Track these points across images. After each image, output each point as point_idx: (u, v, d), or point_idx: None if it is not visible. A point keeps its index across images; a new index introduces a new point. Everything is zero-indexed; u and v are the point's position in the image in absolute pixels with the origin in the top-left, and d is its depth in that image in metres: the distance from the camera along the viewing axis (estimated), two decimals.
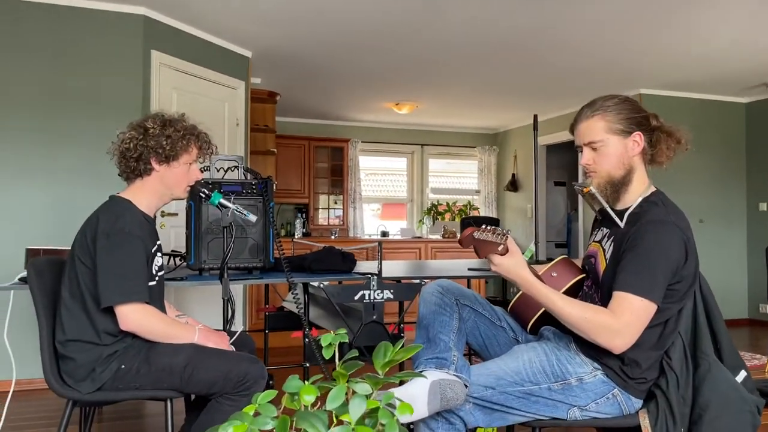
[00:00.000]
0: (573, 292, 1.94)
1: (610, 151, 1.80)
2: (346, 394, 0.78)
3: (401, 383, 1.58)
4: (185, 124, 2.22)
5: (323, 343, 0.85)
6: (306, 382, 0.79)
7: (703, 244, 6.50)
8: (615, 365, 1.76)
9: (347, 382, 0.80)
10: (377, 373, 0.83)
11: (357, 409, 0.71)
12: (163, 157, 2.15)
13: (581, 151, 1.88)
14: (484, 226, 1.66)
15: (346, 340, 0.87)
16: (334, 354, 0.90)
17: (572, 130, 1.90)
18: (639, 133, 1.80)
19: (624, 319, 1.65)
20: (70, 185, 4.05)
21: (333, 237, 7.67)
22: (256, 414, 0.76)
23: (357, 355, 0.87)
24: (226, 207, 2.41)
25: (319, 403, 0.79)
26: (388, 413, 0.72)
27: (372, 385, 0.78)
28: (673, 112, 6.42)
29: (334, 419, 0.77)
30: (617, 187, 1.82)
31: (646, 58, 5.36)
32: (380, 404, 0.74)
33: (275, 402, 0.81)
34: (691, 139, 1.88)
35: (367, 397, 0.75)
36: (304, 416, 0.72)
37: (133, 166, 2.16)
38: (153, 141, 2.13)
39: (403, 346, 0.86)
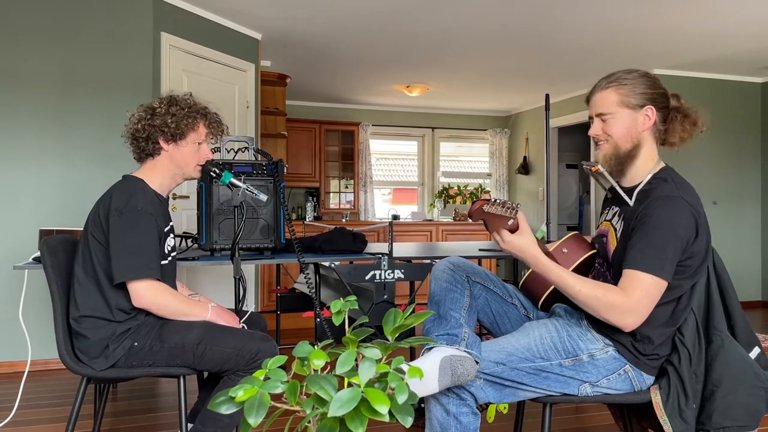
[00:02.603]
0: (584, 267, 1.93)
1: (619, 123, 1.78)
2: (356, 359, 0.78)
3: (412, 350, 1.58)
4: (189, 102, 2.22)
5: (333, 310, 0.85)
6: (316, 346, 0.79)
7: (717, 226, 6.45)
8: (627, 341, 1.75)
9: (357, 347, 0.80)
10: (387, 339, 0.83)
11: (366, 372, 0.71)
12: (170, 136, 2.16)
13: (592, 122, 1.86)
14: (493, 199, 1.65)
15: (356, 307, 0.86)
16: (343, 327, 0.90)
17: (587, 101, 1.89)
18: (651, 107, 1.78)
19: (634, 297, 1.64)
20: (82, 167, 4.07)
21: (344, 220, 7.68)
22: (266, 379, 0.76)
23: (367, 321, 0.87)
24: (236, 186, 2.41)
25: (329, 368, 0.79)
26: (397, 377, 0.72)
27: (382, 351, 0.78)
28: (687, 92, 6.28)
29: (345, 384, 0.77)
30: (622, 159, 1.80)
31: (659, 38, 5.28)
32: (389, 368, 0.74)
33: (285, 368, 0.81)
34: (708, 123, 1.84)
35: (377, 361, 0.75)
36: (314, 379, 0.72)
37: (143, 147, 2.18)
38: (159, 120, 2.15)
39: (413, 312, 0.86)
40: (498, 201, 1.65)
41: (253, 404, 0.70)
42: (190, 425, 2.20)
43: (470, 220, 1.99)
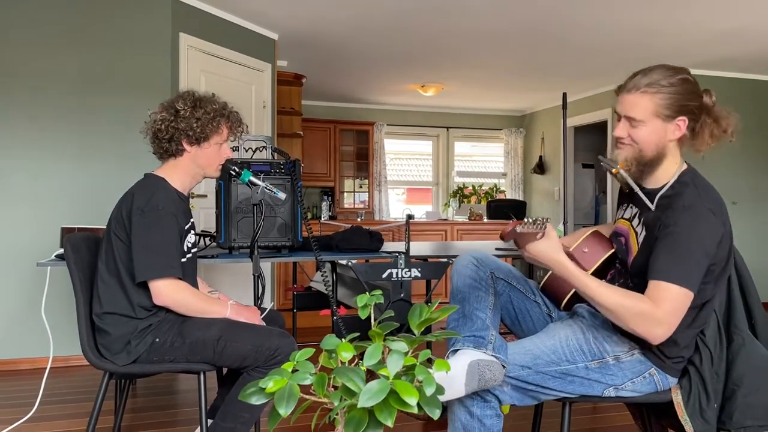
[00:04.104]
0: (605, 266, 1.91)
1: (648, 132, 1.69)
2: (383, 353, 0.79)
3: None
4: (215, 106, 2.24)
5: (358, 303, 0.86)
6: (343, 340, 0.80)
7: (737, 226, 6.31)
8: (652, 344, 1.72)
9: (383, 341, 0.80)
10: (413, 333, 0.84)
11: (395, 364, 0.72)
12: (194, 139, 2.19)
13: (618, 120, 1.76)
14: (526, 219, 1.59)
15: (382, 301, 0.87)
16: (360, 325, 0.91)
17: (618, 92, 1.77)
18: (684, 118, 1.68)
19: (664, 308, 1.57)
20: (102, 167, 4.12)
21: (359, 220, 7.70)
22: (295, 371, 0.78)
23: (392, 315, 0.88)
24: (255, 184, 2.43)
25: (356, 361, 0.80)
26: (425, 369, 0.73)
27: (408, 344, 0.78)
28: None
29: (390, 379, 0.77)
30: (644, 166, 1.73)
31: (679, 36, 5.24)
32: (417, 361, 0.75)
33: (312, 361, 0.82)
34: (738, 126, 1.75)
35: (404, 354, 0.76)
36: (342, 371, 0.73)
37: (166, 147, 2.19)
38: (184, 123, 2.16)
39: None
40: (529, 220, 1.60)
41: (283, 395, 0.71)
42: (209, 421, 2.22)
43: (502, 242, 1.98)
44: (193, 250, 2.27)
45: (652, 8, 4.54)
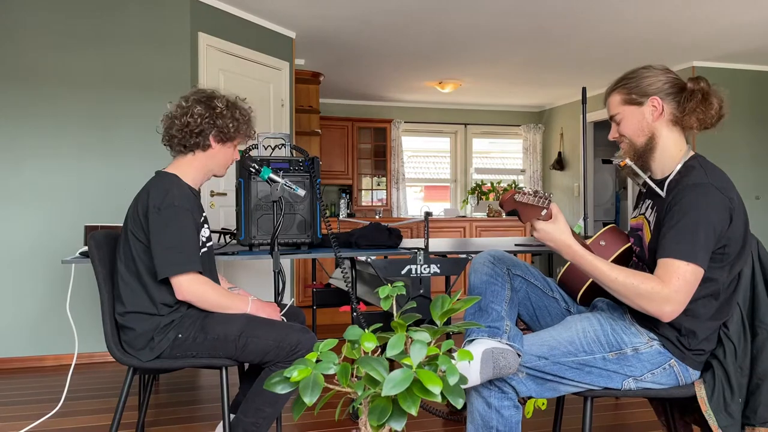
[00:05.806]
0: (622, 260, 1.91)
1: (629, 121, 1.82)
2: (405, 343, 0.79)
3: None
4: (251, 111, 2.31)
5: (381, 295, 0.86)
6: (366, 331, 0.81)
7: (761, 220, 6.30)
8: (672, 335, 1.72)
9: (405, 331, 0.81)
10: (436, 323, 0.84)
11: (418, 354, 0.73)
12: (223, 137, 2.22)
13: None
14: (525, 189, 1.66)
15: (404, 293, 0.88)
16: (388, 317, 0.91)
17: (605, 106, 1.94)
18: (655, 97, 1.77)
19: (673, 285, 1.59)
20: (124, 165, 4.18)
21: (377, 217, 7.71)
22: (318, 361, 0.78)
23: (414, 306, 0.88)
24: (275, 181, 2.45)
25: (379, 351, 0.80)
26: (447, 359, 0.73)
27: (431, 334, 0.79)
28: (727, 85, 6.15)
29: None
30: (641, 154, 1.81)
31: (699, 28, 5.17)
32: (440, 351, 0.75)
33: (335, 352, 0.83)
34: (727, 102, 1.82)
35: (427, 345, 0.76)
36: (366, 361, 0.73)
37: (193, 141, 2.20)
38: (220, 120, 2.19)
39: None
40: (530, 191, 1.67)
41: (307, 384, 0.72)
42: (232, 416, 2.24)
43: (502, 210, 1.98)
44: (208, 244, 2.30)
45: (673, 0, 4.48)
